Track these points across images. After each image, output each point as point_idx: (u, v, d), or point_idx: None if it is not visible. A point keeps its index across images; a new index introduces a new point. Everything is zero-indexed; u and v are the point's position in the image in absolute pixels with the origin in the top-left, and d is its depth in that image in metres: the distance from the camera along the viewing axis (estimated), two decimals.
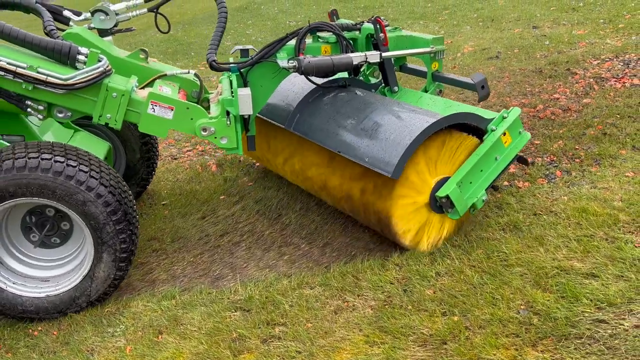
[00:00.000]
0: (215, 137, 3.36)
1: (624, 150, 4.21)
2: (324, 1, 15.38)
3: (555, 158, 4.26)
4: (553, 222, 3.45)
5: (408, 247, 3.37)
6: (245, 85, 3.54)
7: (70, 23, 3.77)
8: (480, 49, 7.88)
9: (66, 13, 3.80)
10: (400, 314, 2.87)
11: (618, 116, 4.83)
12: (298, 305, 3.03)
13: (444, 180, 3.35)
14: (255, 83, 3.60)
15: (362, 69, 4.25)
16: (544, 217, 3.52)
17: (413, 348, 2.65)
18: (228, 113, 3.33)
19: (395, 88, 4.00)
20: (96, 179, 3.12)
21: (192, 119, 3.35)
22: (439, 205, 3.35)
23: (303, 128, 3.74)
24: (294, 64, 3.45)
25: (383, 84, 4.07)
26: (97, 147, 3.90)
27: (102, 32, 3.76)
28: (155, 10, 3.90)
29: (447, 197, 3.27)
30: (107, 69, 3.26)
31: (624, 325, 2.59)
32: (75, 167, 3.10)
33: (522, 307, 2.82)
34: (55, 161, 3.08)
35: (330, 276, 3.24)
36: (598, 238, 3.22)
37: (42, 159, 3.07)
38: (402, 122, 3.28)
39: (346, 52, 3.73)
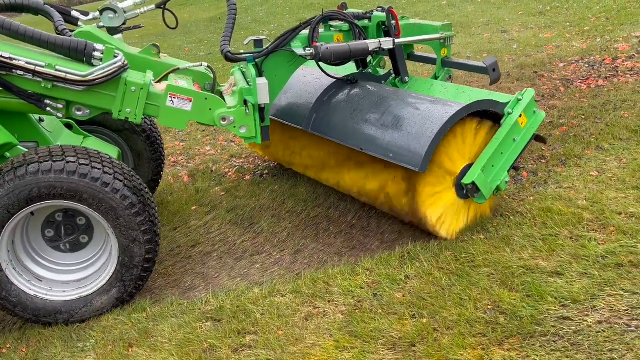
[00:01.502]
0: (235, 127, 3.40)
1: (589, 150, 4.29)
2: (297, 10, 15.47)
3: (522, 159, 4.32)
4: (519, 222, 3.50)
5: (444, 237, 3.46)
6: (260, 75, 3.57)
7: (79, 23, 3.80)
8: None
9: (74, 13, 3.84)
10: (370, 318, 2.89)
11: (583, 117, 4.93)
12: (269, 314, 3.04)
13: (467, 167, 3.43)
14: (270, 73, 3.63)
15: (369, 61, 4.30)
16: (511, 217, 3.57)
17: (382, 351, 2.68)
18: (246, 102, 3.36)
19: (406, 78, 4.09)
20: (121, 181, 3.15)
21: (210, 109, 3.39)
22: (465, 192, 3.42)
23: (321, 128, 3.78)
24: (311, 51, 3.49)
25: (393, 75, 4.12)
26: (107, 152, 3.89)
27: (111, 30, 3.78)
28: (162, 6, 3.95)
29: (473, 183, 3.34)
30: (124, 63, 3.28)
31: (587, 321, 2.64)
32: (111, 174, 3.14)
33: (489, 307, 2.86)
34: (93, 167, 3.13)
35: (302, 283, 3.26)
36: (563, 237, 3.28)
37: (81, 165, 3.11)
38: (423, 114, 3.33)
39: (359, 40, 3.76)
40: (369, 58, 4.36)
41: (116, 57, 3.25)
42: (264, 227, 4.03)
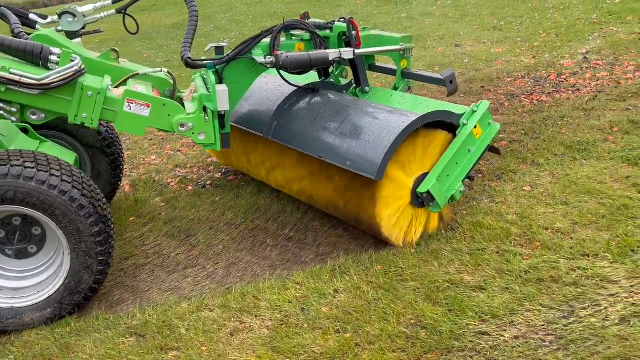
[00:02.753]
0: (193, 133, 3.41)
1: (525, 165, 4.38)
2: (259, 19, 15.46)
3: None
4: (450, 236, 3.55)
5: (398, 245, 3.50)
6: (220, 82, 3.59)
7: (37, 26, 3.75)
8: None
9: (32, 16, 3.79)
10: (294, 333, 2.89)
11: (523, 132, 5.03)
12: (194, 329, 3.01)
13: (423, 176, 3.48)
14: (230, 80, 3.66)
15: (331, 71, 4.34)
16: (442, 231, 3.62)
17: None
18: (205, 109, 3.37)
19: (367, 88, 4.13)
20: (78, 190, 3.10)
21: (169, 115, 3.39)
22: (420, 201, 3.46)
23: (282, 135, 3.81)
24: (272, 59, 3.52)
25: (354, 85, 4.15)
26: (64, 158, 3.82)
27: (70, 35, 3.77)
28: (123, 11, 3.94)
29: (428, 192, 3.39)
30: (81, 68, 3.26)
31: (504, 336, 2.68)
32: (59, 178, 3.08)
33: (412, 321, 2.88)
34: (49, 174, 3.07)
35: (231, 297, 3.24)
36: (489, 251, 3.34)
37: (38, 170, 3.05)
38: (380, 124, 3.39)
39: (319, 49, 3.79)
40: (332, 68, 4.41)
41: (73, 61, 3.24)
42: (200, 239, 4.00)
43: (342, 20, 4.05)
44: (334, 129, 3.57)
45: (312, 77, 4.42)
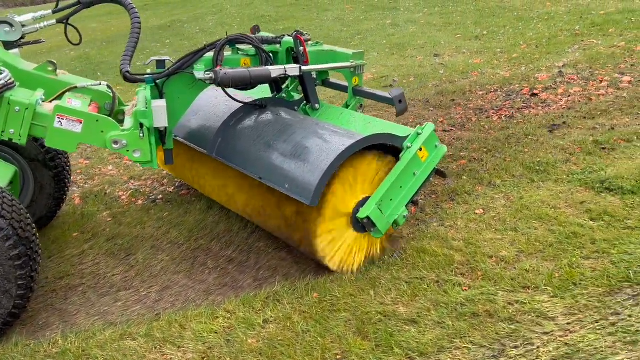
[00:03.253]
0: (128, 150, 3.31)
1: (481, 186, 4.26)
2: (247, 21, 15.33)
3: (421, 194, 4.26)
4: (392, 262, 3.43)
5: (334, 269, 3.37)
6: (161, 97, 3.48)
7: None
8: (379, 76, 7.95)
9: None
10: None
11: (485, 150, 4.91)
12: (113, 359, 2.87)
13: (365, 200, 3.35)
14: (171, 95, 3.54)
15: (285, 85, 4.22)
16: (385, 257, 3.49)
17: None
18: (142, 125, 3.26)
19: (317, 105, 4.01)
20: (12, 228, 2.98)
21: (102, 131, 3.29)
22: (361, 226, 3.33)
23: (225, 153, 3.68)
24: (210, 75, 3.39)
25: (305, 101, 4.02)
26: (2, 172, 3.69)
27: (8, 45, 3.66)
28: (65, 21, 3.83)
29: (368, 217, 3.24)
30: (9, 82, 3.17)
31: None
32: None
33: (338, 356, 2.76)
34: None
35: (157, 325, 3.11)
36: (429, 281, 3.21)
37: None
38: (320, 146, 3.27)
39: (266, 65, 3.68)
40: (287, 82, 4.29)
41: (0, 74, 3.10)
42: (140, 259, 3.87)
43: (290, 35, 3.93)
44: (275, 149, 3.45)
45: (266, 91, 4.31)
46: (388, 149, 3.49)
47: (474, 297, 3.02)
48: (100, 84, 3.65)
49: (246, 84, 3.50)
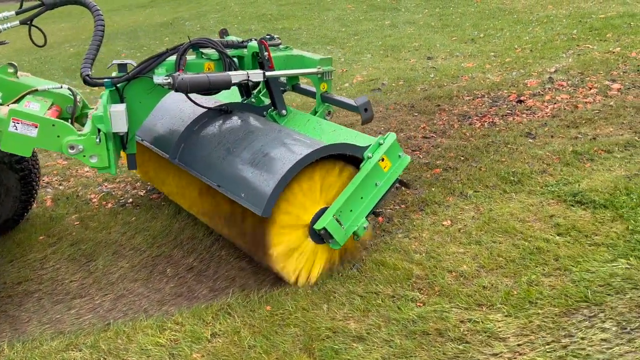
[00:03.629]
0: (84, 156, 3.26)
1: (452, 196, 4.17)
2: (248, 19, 15.29)
3: (383, 202, 4.18)
4: (350, 275, 3.36)
5: (292, 283, 3.30)
6: (121, 101, 3.43)
7: None
8: (369, 79, 7.87)
9: None
10: None
11: (462, 158, 4.82)
12: None
13: (323, 211, 3.28)
14: (132, 99, 3.51)
15: (257, 90, 4.15)
16: (344, 269, 3.42)
17: None
18: (99, 130, 3.21)
19: (284, 111, 3.95)
20: None
21: (58, 136, 3.23)
22: (320, 237, 3.28)
23: (187, 159, 3.64)
24: (169, 80, 3.34)
25: (272, 107, 3.97)
26: None
27: None
28: (28, 22, 3.78)
29: (325, 229, 3.18)
30: None
31: None
32: None
33: None
34: None
35: (105, 336, 3.06)
36: (384, 295, 3.14)
37: None
38: (277, 155, 3.22)
39: (229, 70, 3.61)
40: (260, 86, 4.23)
41: None
42: (100, 265, 3.82)
43: (254, 40, 3.86)
44: (235, 156, 3.39)
45: (235, 96, 4.25)
46: (350, 159, 3.42)
47: (426, 314, 2.94)
48: (61, 87, 3.60)
49: (205, 89, 3.44)
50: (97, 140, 3.26)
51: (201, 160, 3.56)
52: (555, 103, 5.91)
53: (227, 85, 3.47)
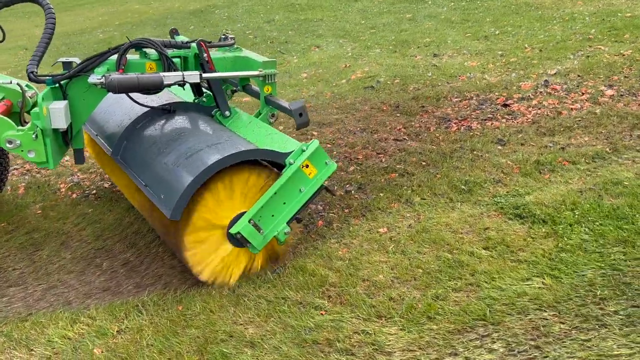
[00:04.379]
0: (22, 150, 3.39)
1: (397, 203, 4.15)
2: (276, 9, 15.34)
3: (328, 206, 4.20)
4: (266, 280, 3.40)
5: (206, 283, 3.37)
6: (64, 98, 3.56)
7: None
8: (367, 76, 7.82)
9: None
10: None
11: (423, 164, 4.78)
12: None
13: (241, 215, 3.33)
14: (75, 96, 3.62)
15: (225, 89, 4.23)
16: (264, 273, 3.46)
17: None
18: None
19: (227, 112, 3.97)
20: None
21: None
22: (238, 241, 3.33)
23: (126, 157, 3.75)
24: (101, 80, 3.45)
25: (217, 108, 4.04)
26: None
27: None
28: None
29: (239, 233, 3.24)
30: None
31: None
32: None
33: None
34: None
35: (22, 326, 3.21)
36: (291, 302, 3.17)
37: None
38: (194, 158, 3.28)
39: (168, 70, 3.70)
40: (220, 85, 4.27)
41: None
42: (44, 255, 3.98)
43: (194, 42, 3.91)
44: (164, 156, 3.47)
45: (186, 94, 4.32)
46: (279, 165, 3.45)
47: (323, 323, 2.96)
48: (10, 82, 3.75)
49: (134, 89, 3.51)
50: (34, 136, 3.39)
51: (137, 159, 3.66)
52: (539, 108, 5.77)
53: (157, 86, 3.54)
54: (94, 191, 4.84)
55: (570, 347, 2.68)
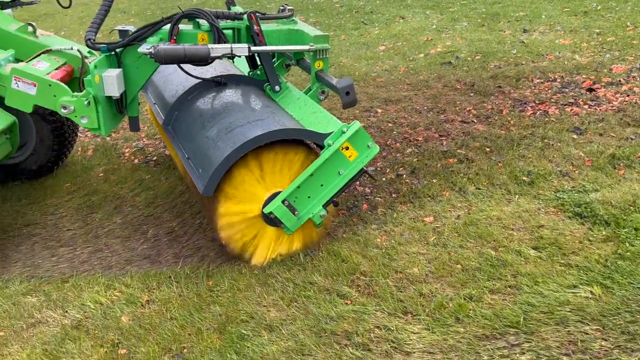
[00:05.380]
0: (76, 116, 3.52)
1: (450, 191, 3.94)
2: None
3: (375, 189, 4.06)
4: (298, 262, 3.34)
5: (239, 259, 3.38)
6: (119, 66, 3.65)
7: None
8: (448, 51, 7.47)
9: None
10: (74, 339, 2.91)
11: (488, 150, 4.50)
12: (6, 313, 3.14)
13: (276, 194, 3.29)
14: (129, 65, 3.68)
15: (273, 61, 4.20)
16: (299, 255, 3.40)
17: None
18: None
19: (277, 87, 3.91)
20: None
21: (55, 95, 3.52)
22: (271, 219, 3.31)
23: (176, 128, 3.81)
24: (150, 50, 3.48)
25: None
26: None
27: (3, 5, 4.00)
28: None
29: (272, 213, 3.23)
30: None
31: None
32: None
33: (184, 350, 2.79)
34: None
35: (62, 287, 3.33)
36: (318, 287, 3.10)
37: None
38: (233, 134, 3.27)
39: (218, 42, 3.69)
40: (274, 58, 4.21)
41: None
42: (96, 218, 4.11)
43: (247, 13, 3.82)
44: (206, 130, 3.46)
45: (243, 66, 4.27)
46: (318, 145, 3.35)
47: (345, 314, 2.87)
48: (71, 48, 3.85)
49: (180, 61, 3.49)
50: (87, 102, 3.47)
51: (183, 131, 3.67)
52: (628, 95, 5.27)
53: (203, 57, 3.50)
54: (155, 158, 4.94)
55: None
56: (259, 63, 4.19)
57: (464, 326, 2.72)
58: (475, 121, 5.11)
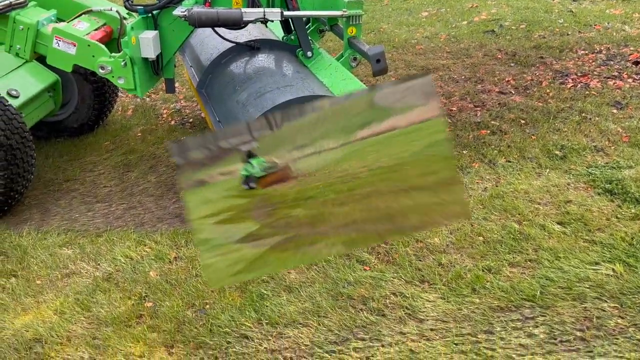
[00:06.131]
0: (113, 76, 3.63)
1: (480, 163, 3.92)
2: None
3: None
4: None
5: None
6: (155, 28, 3.71)
7: None
8: (492, 19, 7.29)
9: None
10: (103, 290, 3.06)
11: (523, 122, 4.44)
12: (43, 262, 3.32)
13: None
14: (166, 27, 3.74)
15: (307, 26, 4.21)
16: None
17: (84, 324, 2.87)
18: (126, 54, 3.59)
19: (309, 53, 3.90)
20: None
21: (93, 56, 3.64)
22: None
23: (209, 91, 3.89)
24: (185, 12, 3.53)
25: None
26: (42, 78, 4.35)
27: None
28: None
29: None
30: (17, 1, 3.65)
31: (263, 346, 2.62)
32: None
33: (207, 306, 2.90)
34: None
35: (97, 240, 3.49)
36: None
37: None
38: (261, 100, 3.31)
39: (252, 6, 3.71)
40: (309, 23, 4.20)
41: None
42: (132, 177, 4.25)
43: None
44: (237, 94, 3.51)
45: (278, 31, 4.28)
46: None
47: (363, 279, 2.93)
48: (111, 9, 3.93)
49: (213, 24, 3.53)
50: (123, 63, 3.56)
51: (215, 94, 3.73)
52: None
53: (236, 21, 3.52)
54: (191, 120, 5.04)
55: (621, 345, 2.44)
56: (292, 28, 4.20)
57: (480, 297, 2.75)
58: (513, 92, 5.02)
